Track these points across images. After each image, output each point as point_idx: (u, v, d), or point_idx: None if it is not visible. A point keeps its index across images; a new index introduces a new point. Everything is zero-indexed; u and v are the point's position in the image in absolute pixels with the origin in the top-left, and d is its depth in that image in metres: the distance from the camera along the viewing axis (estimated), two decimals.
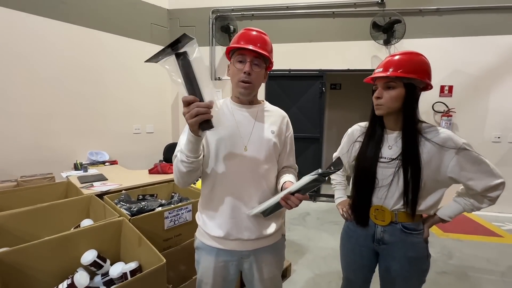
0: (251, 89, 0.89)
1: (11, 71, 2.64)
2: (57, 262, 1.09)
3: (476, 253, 2.38)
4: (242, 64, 0.87)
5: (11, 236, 1.29)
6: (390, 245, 0.98)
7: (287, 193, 0.77)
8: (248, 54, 0.86)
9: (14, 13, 2.61)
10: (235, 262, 0.94)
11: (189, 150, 0.78)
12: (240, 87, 0.88)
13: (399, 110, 0.92)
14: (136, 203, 1.59)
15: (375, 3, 3.47)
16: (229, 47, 0.90)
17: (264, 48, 0.87)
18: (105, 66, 3.33)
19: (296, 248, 2.43)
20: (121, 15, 3.43)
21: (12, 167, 2.65)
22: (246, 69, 0.85)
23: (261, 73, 0.90)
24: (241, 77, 0.86)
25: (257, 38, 0.88)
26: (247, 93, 0.90)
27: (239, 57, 0.87)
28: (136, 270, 1.08)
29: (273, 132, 0.93)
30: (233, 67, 0.89)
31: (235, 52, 0.89)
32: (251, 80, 0.87)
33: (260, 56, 0.87)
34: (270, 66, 0.94)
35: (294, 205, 0.77)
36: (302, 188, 0.75)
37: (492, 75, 3.31)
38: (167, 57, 0.70)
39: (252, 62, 0.86)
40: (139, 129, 3.77)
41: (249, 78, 0.86)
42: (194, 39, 0.67)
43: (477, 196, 0.92)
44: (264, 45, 0.88)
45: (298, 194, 0.76)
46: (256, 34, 0.89)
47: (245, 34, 0.89)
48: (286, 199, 0.77)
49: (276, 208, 0.84)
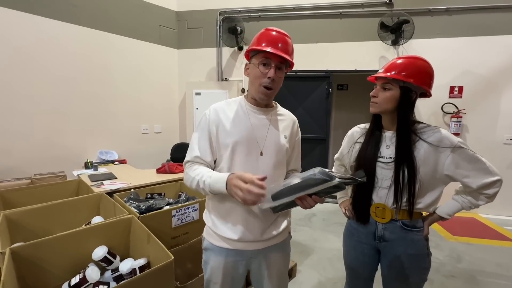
0: (271, 95, 0.90)
1: (25, 72, 2.73)
2: (70, 257, 1.13)
3: (486, 257, 2.33)
4: (267, 67, 0.85)
5: (26, 231, 1.34)
6: (391, 242, 1.00)
7: (305, 194, 0.77)
8: (273, 58, 0.84)
9: (27, 16, 2.70)
10: (244, 261, 0.95)
11: (214, 191, 0.84)
12: (262, 92, 0.87)
13: (394, 111, 0.96)
14: (144, 202, 1.62)
15: (383, 3, 3.44)
16: (254, 48, 0.87)
17: (287, 50, 0.87)
18: (115, 67, 3.41)
19: (302, 248, 2.43)
20: (130, 17, 3.50)
21: (26, 165, 2.74)
22: (271, 75, 0.84)
23: (282, 78, 0.90)
24: (265, 82, 0.85)
25: (283, 43, 0.86)
26: (267, 98, 0.90)
27: (263, 59, 0.85)
28: (145, 266, 1.11)
29: (286, 137, 0.94)
30: (255, 68, 0.87)
31: (259, 54, 0.86)
32: (274, 86, 0.87)
33: (284, 61, 0.86)
34: (290, 67, 0.93)
35: (309, 206, 0.79)
36: (321, 191, 0.76)
37: (503, 75, 3.23)
38: (339, 181, 0.74)
39: (276, 66, 0.85)
40: (147, 129, 3.83)
41: (273, 84, 0.86)
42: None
43: (474, 193, 0.95)
44: (287, 47, 0.87)
45: (316, 197, 0.77)
46: (282, 38, 0.87)
47: (271, 36, 0.87)
48: (303, 199, 0.78)
49: (289, 206, 0.85)
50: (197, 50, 4.06)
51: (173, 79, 4.11)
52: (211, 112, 0.91)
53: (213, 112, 0.91)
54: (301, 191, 0.78)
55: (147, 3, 3.66)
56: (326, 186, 0.74)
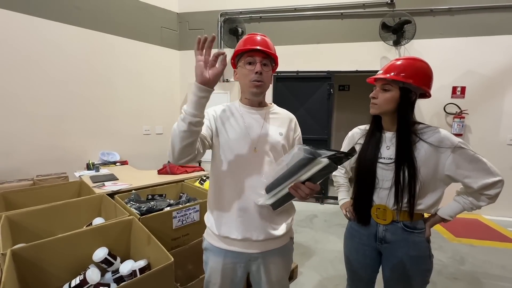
0: (263, 88, 0.92)
1: (27, 75, 2.75)
2: (70, 258, 1.13)
3: (490, 259, 2.31)
4: (252, 65, 0.89)
5: (27, 232, 1.34)
6: (392, 244, 0.99)
7: (297, 181, 0.75)
8: (257, 56, 0.89)
9: (28, 18, 2.72)
10: (243, 264, 0.94)
11: (191, 102, 0.74)
12: (253, 86, 0.90)
13: (394, 112, 0.96)
14: (145, 203, 1.62)
15: (385, 4, 3.43)
16: (238, 50, 0.92)
17: (269, 48, 0.91)
18: (116, 68, 3.43)
19: (303, 250, 2.42)
20: (131, 19, 3.52)
21: (28, 166, 2.76)
22: (258, 69, 0.88)
23: (269, 73, 0.93)
24: (253, 77, 0.89)
25: (262, 42, 0.91)
26: (259, 92, 0.92)
27: (248, 58, 0.90)
28: (145, 268, 1.11)
29: (281, 134, 0.94)
30: (242, 69, 0.92)
31: (244, 55, 0.91)
32: (263, 79, 0.90)
33: (267, 57, 0.91)
34: (275, 67, 0.97)
35: (304, 194, 0.76)
36: (312, 176, 0.73)
37: (506, 75, 3.21)
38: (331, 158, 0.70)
39: (261, 62, 0.89)
40: (149, 130, 3.84)
41: (261, 77, 0.89)
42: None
43: (475, 194, 0.94)
44: (268, 45, 0.91)
45: (309, 183, 0.75)
46: (260, 38, 0.92)
47: (250, 38, 0.92)
48: (296, 187, 0.77)
49: (286, 199, 0.83)
50: None
51: (175, 80, 4.13)
52: (212, 109, 0.97)
53: (213, 109, 0.97)
54: (291, 176, 0.75)
55: (148, 4, 3.68)
56: (315, 168, 0.71)
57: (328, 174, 0.75)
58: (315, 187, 0.76)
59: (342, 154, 0.69)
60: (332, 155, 0.69)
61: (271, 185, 0.81)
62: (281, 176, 0.77)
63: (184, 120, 0.73)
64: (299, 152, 0.71)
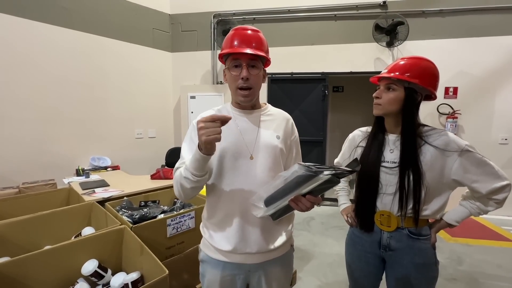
0: (251, 95, 0.84)
1: (14, 76, 2.65)
2: (58, 272, 1.06)
3: (487, 258, 2.32)
4: (238, 69, 0.81)
5: (11, 245, 1.27)
6: (397, 252, 0.95)
7: (298, 194, 0.72)
8: (243, 58, 0.80)
9: (18, 20, 2.63)
10: (242, 276, 0.89)
11: (196, 168, 0.74)
12: (240, 95, 0.83)
13: (398, 113, 0.92)
14: (138, 210, 1.56)
15: (378, 5, 3.46)
16: (222, 53, 0.83)
17: (259, 48, 0.81)
18: (107, 71, 3.34)
19: (301, 254, 2.38)
20: (123, 21, 3.45)
21: (13, 173, 2.64)
22: (244, 75, 0.79)
23: (259, 74, 0.84)
24: (239, 83, 0.81)
25: (251, 39, 0.81)
26: (248, 100, 0.85)
27: (233, 61, 0.81)
28: (138, 280, 1.05)
29: (278, 138, 0.89)
30: (229, 72, 0.83)
31: (229, 57, 0.82)
32: (251, 85, 0.82)
33: (256, 57, 0.81)
34: (268, 63, 0.88)
35: (305, 208, 0.73)
36: (314, 189, 0.70)
37: (497, 76, 3.27)
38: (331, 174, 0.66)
39: (248, 65, 0.80)
40: (141, 134, 3.76)
41: (248, 83, 0.81)
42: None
43: (482, 198, 0.91)
44: (259, 44, 0.82)
45: (310, 196, 0.71)
46: (250, 33, 0.82)
47: (238, 34, 0.82)
48: (297, 200, 0.72)
49: (286, 210, 0.79)
50: (191, 53, 4.02)
51: (167, 82, 4.06)
52: (202, 115, 0.88)
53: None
54: (291, 192, 0.72)
55: (140, 6, 3.61)
56: (316, 183, 0.68)
57: (330, 188, 0.71)
58: (316, 200, 0.72)
59: (346, 172, 0.67)
60: (336, 172, 0.65)
61: (270, 198, 0.76)
62: (281, 190, 0.73)
63: (193, 180, 0.76)
64: (299, 170, 0.67)
